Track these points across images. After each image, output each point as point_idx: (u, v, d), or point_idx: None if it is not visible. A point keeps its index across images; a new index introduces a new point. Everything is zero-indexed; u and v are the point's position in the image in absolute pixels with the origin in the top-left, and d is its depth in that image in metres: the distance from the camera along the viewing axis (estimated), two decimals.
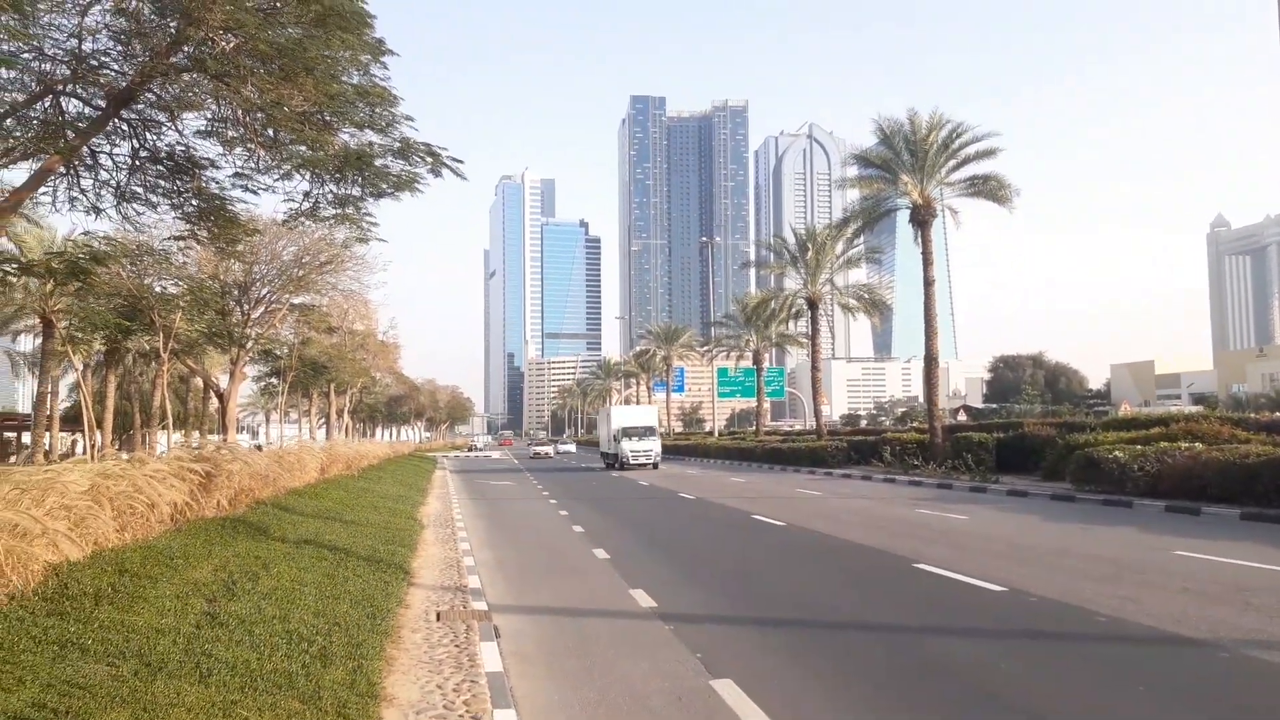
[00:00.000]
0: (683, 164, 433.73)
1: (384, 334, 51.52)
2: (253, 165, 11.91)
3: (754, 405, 73.90)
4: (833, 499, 25.14)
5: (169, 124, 11.59)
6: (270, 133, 11.22)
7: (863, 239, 49.33)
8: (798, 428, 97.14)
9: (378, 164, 11.78)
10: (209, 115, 11.51)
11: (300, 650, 7.04)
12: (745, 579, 12.45)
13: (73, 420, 51.10)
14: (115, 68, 10.61)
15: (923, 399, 68.47)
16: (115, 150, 11.96)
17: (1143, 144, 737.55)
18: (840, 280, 53.35)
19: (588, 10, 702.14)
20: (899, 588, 11.29)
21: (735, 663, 7.68)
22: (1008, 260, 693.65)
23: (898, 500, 23.95)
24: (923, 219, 35.67)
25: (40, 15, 9.89)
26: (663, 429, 69.91)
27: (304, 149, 11.28)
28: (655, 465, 47.26)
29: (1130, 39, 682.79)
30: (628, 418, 51.29)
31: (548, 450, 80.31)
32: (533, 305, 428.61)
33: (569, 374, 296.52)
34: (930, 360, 36.79)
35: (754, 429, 71.29)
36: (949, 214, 36.65)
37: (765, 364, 65.72)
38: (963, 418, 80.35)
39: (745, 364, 69.90)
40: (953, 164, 35.93)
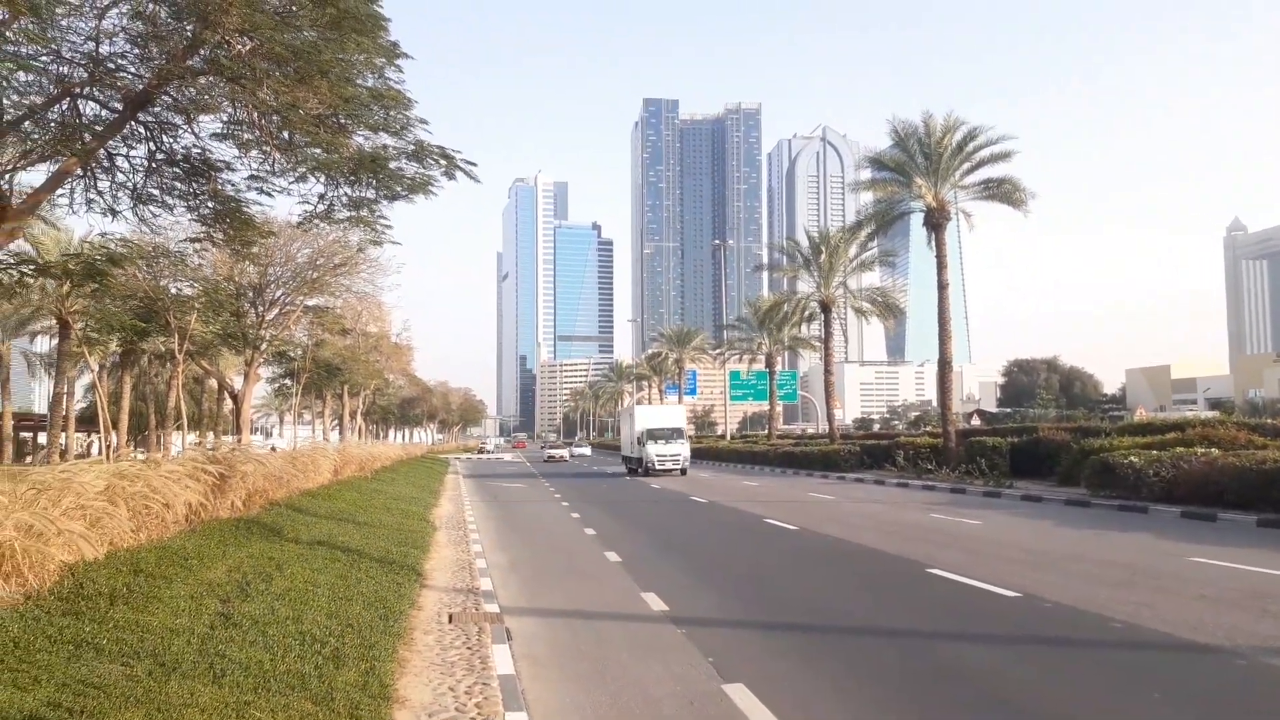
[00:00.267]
0: (695, 167, 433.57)
1: (397, 336, 51.72)
2: (268, 168, 11.96)
3: (766, 409, 73.67)
4: (845, 503, 25.06)
5: (185, 126, 11.65)
6: (286, 135, 11.26)
7: (876, 242, 49.21)
8: (810, 431, 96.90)
9: (392, 167, 11.81)
10: (225, 118, 11.57)
11: (313, 651, 7.07)
12: (758, 583, 12.42)
13: (88, 421, 51.50)
14: (132, 70, 10.67)
15: (936, 403, 68.21)
16: (132, 152, 12.02)
17: (1156, 147, 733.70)
18: (853, 283, 53.19)
19: (601, 13, 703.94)
20: (912, 593, 11.24)
21: (748, 667, 7.66)
22: (1022, 264, 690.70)
23: (911, 505, 23.85)
24: (937, 222, 35.54)
25: (58, 18, 9.96)
26: None
27: (319, 152, 11.33)
28: (683, 471, 42.98)
29: (1138, 40, 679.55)
30: (653, 418, 46.70)
31: (562, 454, 76.76)
32: (545, 308, 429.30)
33: (581, 376, 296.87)
34: (944, 364, 36.65)
35: (766, 432, 71.09)
36: (963, 217, 36.62)
37: (778, 367, 65.59)
38: (976, 422, 79.95)
39: (757, 367, 69.76)
40: (967, 167, 35.85)
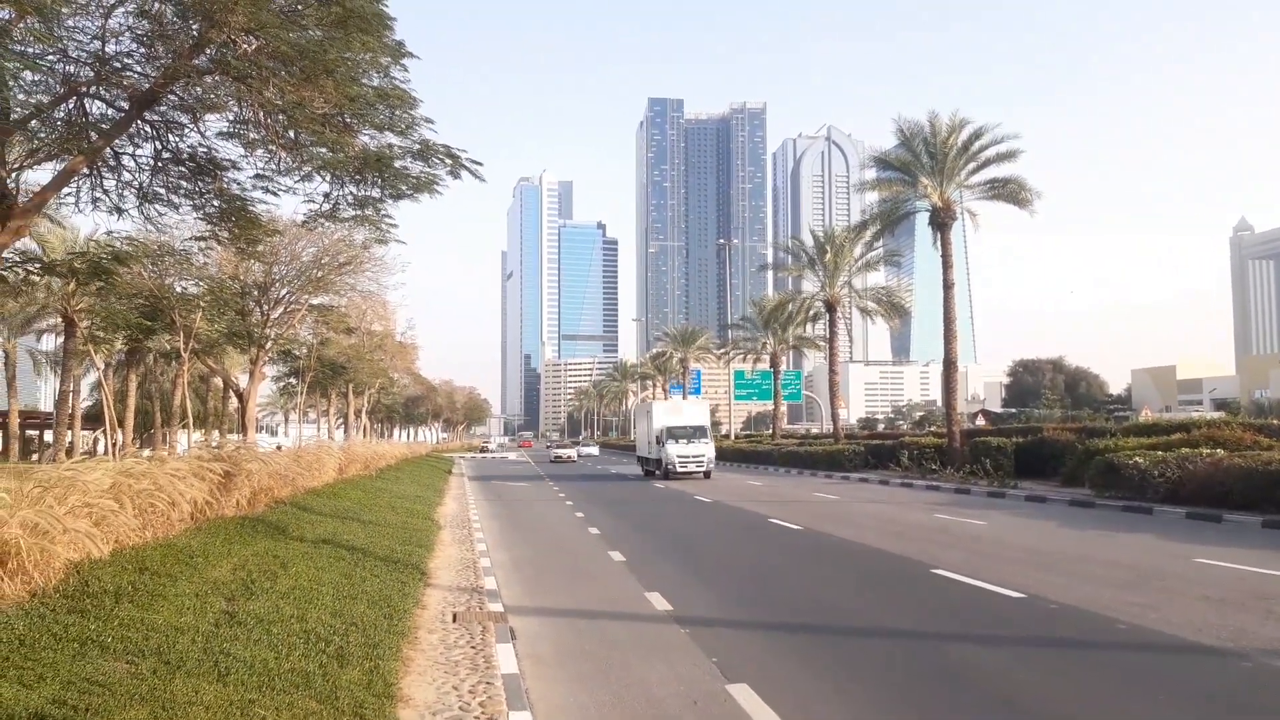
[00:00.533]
0: (700, 166, 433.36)
1: (402, 335, 51.82)
2: (274, 167, 12.00)
3: (770, 408, 73.60)
4: (850, 503, 25.03)
5: (191, 125, 11.68)
6: (291, 134, 11.29)
7: (881, 242, 49.01)
8: (815, 431, 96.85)
9: (397, 166, 11.83)
10: (231, 117, 11.60)
11: (317, 650, 7.08)
12: (762, 583, 12.42)
13: (94, 419, 51.64)
14: (138, 70, 10.69)
15: (941, 403, 68.13)
16: (138, 151, 12.08)
17: (1162, 147, 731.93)
18: (858, 283, 53.14)
19: (605, 13, 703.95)
20: (916, 593, 11.22)
21: (751, 667, 7.66)
22: (1027, 264, 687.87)
23: (915, 505, 23.82)
24: (942, 222, 35.48)
25: (64, 18, 9.99)
26: None
27: (324, 151, 11.35)
28: (707, 474, 38.90)
29: (1145, 38, 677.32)
30: (674, 416, 42.59)
31: (570, 453, 74.12)
32: (550, 307, 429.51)
33: (585, 376, 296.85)
34: (949, 364, 36.61)
35: (770, 432, 71.05)
36: (968, 217, 36.57)
37: (782, 367, 65.52)
38: (981, 422, 79.96)
39: (762, 367, 69.69)
40: (973, 166, 35.78)
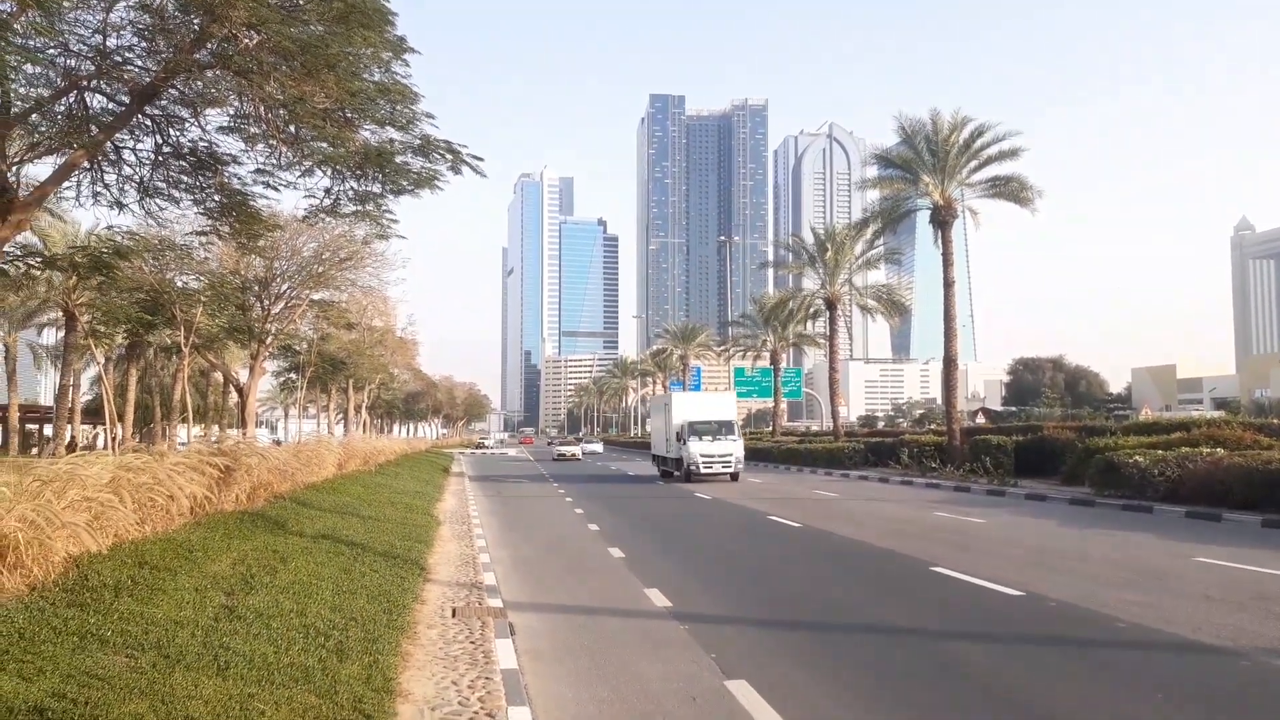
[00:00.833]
0: (701, 163, 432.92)
1: (402, 330, 51.97)
2: (275, 161, 12.00)
3: (770, 405, 73.59)
4: (849, 501, 25.04)
5: (192, 120, 11.67)
6: (292, 129, 11.28)
7: (882, 239, 48.99)
8: (814, 429, 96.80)
9: (398, 161, 11.82)
10: (232, 111, 11.60)
11: (317, 644, 7.09)
12: (761, 580, 12.42)
13: (94, 413, 51.73)
14: (139, 64, 10.69)
15: (941, 401, 68.15)
16: (139, 145, 12.07)
17: (1163, 146, 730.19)
18: (859, 281, 53.07)
19: (607, 10, 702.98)
20: (915, 591, 11.23)
21: (750, 663, 7.66)
22: (1028, 262, 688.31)
23: (915, 503, 23.83)
24: (943, 220, 35.45)
25: (65, 11, 9.97)
26: None
27: (325, 146, 11.34)
28: (735, 476, 34.24)
29: (1149, 35, 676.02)
30: (696, 409, 36.75)
31: (574, 451, 68.62)
32: (550, 303, 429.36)
33: (586, 372, 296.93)
34: (949, 362, 36.61)
35: (770, 429, 71.07)
36: (969, 215, 36.49)
37: (782, 364, 65.51)
38: (981, 420, 79.88)
39: (762, 364, 69.64)
40: (974, 164, 35.71)
